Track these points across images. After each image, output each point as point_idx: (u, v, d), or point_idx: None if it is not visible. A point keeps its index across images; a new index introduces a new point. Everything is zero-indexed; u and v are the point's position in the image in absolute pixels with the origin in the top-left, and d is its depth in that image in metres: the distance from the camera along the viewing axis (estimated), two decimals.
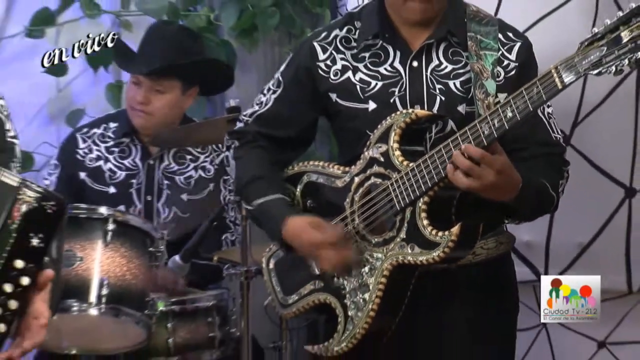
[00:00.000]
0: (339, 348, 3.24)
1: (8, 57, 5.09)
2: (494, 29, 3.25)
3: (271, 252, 3.48)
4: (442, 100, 3.20)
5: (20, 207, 2.53)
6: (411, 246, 3.09)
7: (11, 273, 2.53)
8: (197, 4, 5.09)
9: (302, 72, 3.38)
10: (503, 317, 3.37)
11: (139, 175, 4.54)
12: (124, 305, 3.83)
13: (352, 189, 3.23)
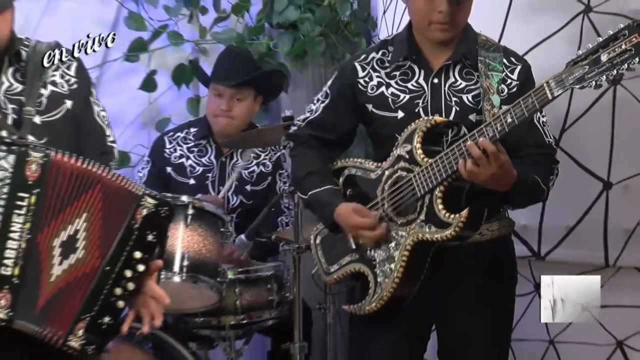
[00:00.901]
0: (370, 308, 3.23)
1: (110, 77, 5.05)
2: (499, 54, 3.24)
3: (318, 231, 3.49)
4: (456, 111, 3.21)
5: (142, 211, 2.64)
6: (429, 226, 3.09)
7: (131, 262, 2.64)
8: (259, 34, 5.06)
9: (345, 86, 3.36)
10: (505, 286, 3.33)
11: (213, 170, 4.52)
12: (200, 274, 3.83)
13: (383, 180, 3.23)
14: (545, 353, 3.83)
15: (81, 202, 2.65)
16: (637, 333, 3.69)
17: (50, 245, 2.62)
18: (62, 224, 2.64)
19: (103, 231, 2.67)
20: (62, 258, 2.63)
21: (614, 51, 2.77)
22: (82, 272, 2.65)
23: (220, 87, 4.47)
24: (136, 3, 5.01)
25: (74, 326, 2.61)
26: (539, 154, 3.21)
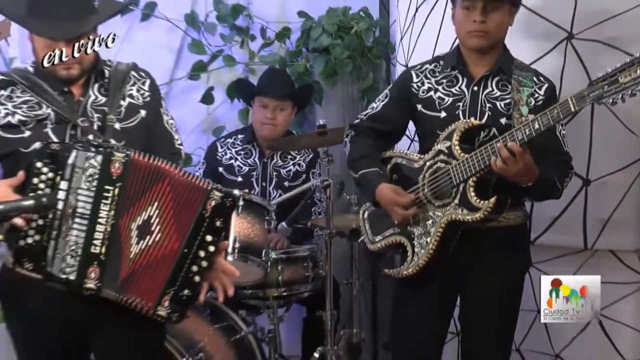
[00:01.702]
0: (407, 272, 3.27)
1: (177, 92, 5.07)
2: (531, 74, 3.23)
3: (366, 207, 3.52)
4: (489, 115, 3.21)
5: (211, 203, 2.68)
6: (461, 209, 3.13)
7: (204, 244, 2.68)
8: (298, 57, 5.04)
9: (402, 89, 3.38)
10: (516, 265, 3.34)
11: (257, 169, 4.50)
12: (249, 254, 3.81)
13: (425, 169, 3.25)
14: (533, 321, 3.78)
15: (152, 192, 2.68)
16: (610, 304, 3.61)
17: (128, 228, 2.66)
18: (138, 210, 2.67)
19: (177, 219, 2.70)
20: (139, 239, 2.67)
21: (630, 75, 2.78)
22: (162, 253, 2.68)
23: (266, 99, 4.44)
24: (197, 32, 5.01)
25: (161, 299, 2.66)
26: (557, 159, 3.20)
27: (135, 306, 2.71)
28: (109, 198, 2.62)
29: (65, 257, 2.59)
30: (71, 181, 2.61)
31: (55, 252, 2.59)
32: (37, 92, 2.78)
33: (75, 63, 2.77)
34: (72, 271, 2.59)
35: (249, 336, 4.06)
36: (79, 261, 2.60)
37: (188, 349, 3.66)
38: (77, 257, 2.60)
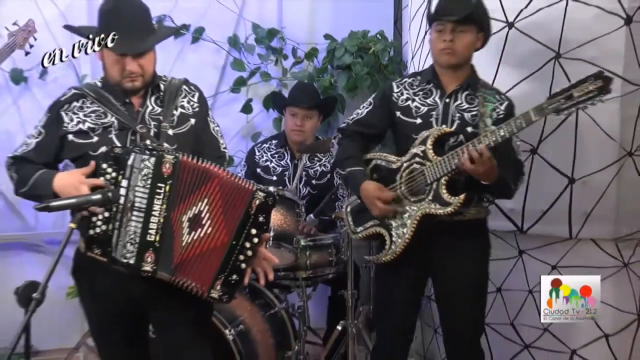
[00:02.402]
0: (385, 258, 3.27)
1: (221, 103, 5.06)
2: (494, 92, 3.24)
3: (349, 203, 3.50)
4: (458, 124, 3.20)
5: (255, 202, 2.69)
6: (435, 204, 3.13)
7: (249, 237, 2.70)
8: (324, 73, 5.02)
9: (384, 98, 3.36)
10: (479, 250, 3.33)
11: (289, 170, 4.46)
12: (282, 242, 3.83)
13: (402, 169, 3.23)
14: (525, 299, 3.77)
15: (202, 191, 2.69)
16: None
17: (180, 220, 2.68)
18: (188, 205, 2.68)
19: (225, 215, 2.71)
20: (190, 230, 2.68)
21: (583, 90, 2.82)
22: (213, 244, 2.69)
23: (296, 109, 4.42)
24: (239, 52, 5.00)
25: (214, 283, 2.68)
26: (513, 166, 3.20)
27: (190, 289, 2.73)
28: (161, 194, 2.64)
29: (126, 244, 2.62)
30: (130, 179, 2.63)
31: (118, 239, 2.63)
32: (103, 103, 2.81)
33: (139, 76, 2.78)
34: (131, 256, 2.62)
35: (282, 311, 4.08)
36: (137, 247, 2.63)
37: (230, 321, 3.67)
38: (136, 244, 2.63)
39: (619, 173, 3.52)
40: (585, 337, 3.66)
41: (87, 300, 2.95)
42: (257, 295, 4.09)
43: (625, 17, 3.40)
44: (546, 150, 3.60)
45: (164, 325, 2.92)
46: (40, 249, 4.82)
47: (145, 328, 3.01)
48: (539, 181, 3.62)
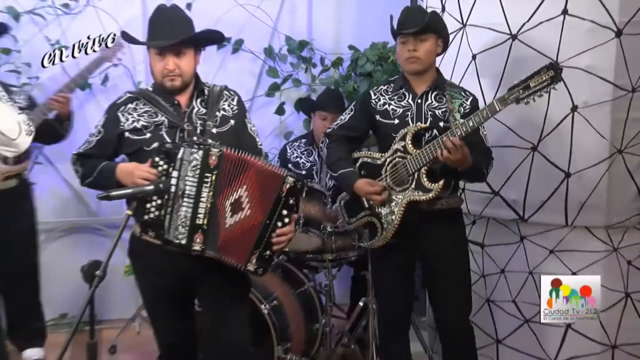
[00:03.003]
0: (378, 244, 3.28)
1: (257, 106, 5.11)
2: (459, 89, 3.29)
3: (341, 197, 3.49)
4: (431, 120, 3.21)
5: (285, 186, 2.69)
6: (418, 191, 3.15)
7: (281, 217, 2.71)
8: (348, 79, 5.05)
9: (364, 104, 3.37)
10: (458, 232, 3.36)
11: (316, 165, 4.44)
12: (310, 227, 3.88)
13: (385, 164, 3.25)
14: (526, 279, 3.72)
15: (241, 178, 2.70)
16: (585, 267, 3.56)
17: (224, 205, 2.69)
18: (230, 192, 2.69)
19: (261, 198, 2.71)
20: (232, 213, 2.69)
21: (537, 80, 2.89)
22: (250, 224, 2.70)
23: (325, 113, 4.38)
24: (273, 61, 5.05)
25: (250, 258, 2.69)
26: (483, 153, 3.23)
27: (231, 264, 2.75)
28: (208, 182, 2.67)
29: (178, 227, 2.66)
30: (180, 170, 2.66)
31: (170, 223, 2.67)
32: (154, 104, 2.83)
33: (177, 76, 2.79)
34: (183, 237, 2.66)
35: (310, 289, 4.09)
36: (187, 229, 2.66)
37: (265, 297, 3.69)
38: (187, 226, 2.66)
39: (610, 168, 3.49)
40: None
41: (141, 278, 2.98)
42: (288, 274, 4.09)
43: (616, 30, 3.37)
44: (545, 147, 3.57)
45: (208, 299, 2.94)
46: (102, 232, 4.89)
47: (192, 303, 3.01)
48: (539, 175, 3.59)
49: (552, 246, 3.65)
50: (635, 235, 3.59)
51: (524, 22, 3.51)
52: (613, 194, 3.52)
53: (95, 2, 4.69)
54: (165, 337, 3.03)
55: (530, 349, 3.72)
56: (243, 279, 2.96)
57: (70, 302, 4.61)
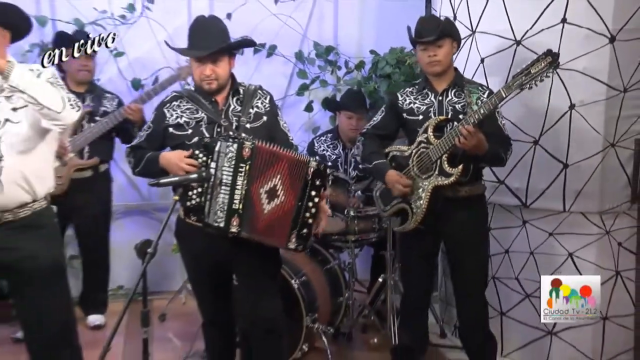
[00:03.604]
0: (410, 227, 3.23)
1: (289, 104, 5.11)
2: (476, 85, 3.25)
3: (377, 188, 3.49)
4: (451, 114, 3.19)
5: (310, 169, 2.70)
6: (441, 177, 3.12)
7: (311, 197, 2.71)
8: (370, 80, 5.03)
9: (392, 105, 3.36)
10: (480, 218, 3.32)
11: (341, 157, 4.40)
12: (336, 212, 3.88)
13: (412, 155, 3.23)
14: (527, 259, 3.71)
15: (274, 169, 2.70)
16: (580, 248, 3.57)
17: (258, 193, 2.69)
18: (264, 180, 2.69)
19: (292, 184, 2.71)
20: (269, 200, 2.70)
21: (537, 67, 2.86)
22: (286, 208, 2.71)
23: (350, 112, 4.36)
24: (303, 64, 5.04)
25: (289, 237, 2.71)
26: (501, 140, 3.18)
27: (273, 244, 2.80)
28: (243, 172, 2.66)
29: (217, 212, 2.66)
30: (218, 162, 2.66)
31: (210, 208, 2.67)
32: (195, 102, 2.84)
33: (214, 80, 2.78)
34: (221, 220, 2.66)
35: (335, 266, 4.10)
36: (225, 214, 2.66)
37: (295, 273, 3.69)
38: (224, 211, 2.66)
39: (603, 160, 3.48)
40: None
41: (185, 256, 2.99)
42: (316, 253, 4.10)
43: (610, 37, 3.36)
44: (546, 141, 3.56)
45: (244, 275, 2.95)
46: (152, 215, 4.94)
47: (230, 278, 3.02)
48: (540, 166, 3.58)
49: (551, 229, 3.64)
50: (626, 220, 3.58)
51: (527, 29, 3.50)
52: (606, 183, 3.51)
53: (148, 14, 4.73)
54: (206, 308, 3.05)
55: (531, 320, 3.72)
56: (274, 257, 2.97)
57: (126, 275, 4.69)
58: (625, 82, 3.41)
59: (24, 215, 2.66)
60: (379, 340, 4.06)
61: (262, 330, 2.92)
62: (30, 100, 2.49)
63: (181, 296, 4.65)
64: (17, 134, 2.60)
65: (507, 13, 3.56)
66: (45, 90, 2.53)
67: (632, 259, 3.55)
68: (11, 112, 2.61)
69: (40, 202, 2.72)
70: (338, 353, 3.88)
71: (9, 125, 2.59)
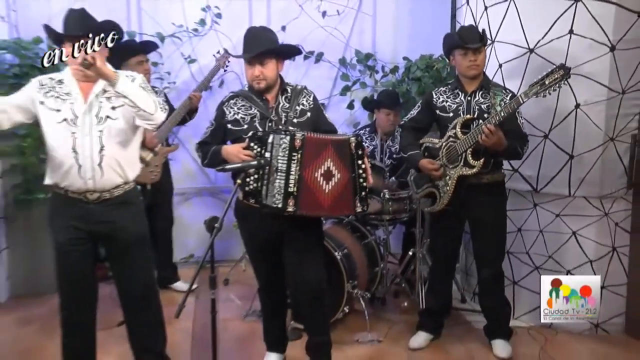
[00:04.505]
0: (438, 208, 3.27)
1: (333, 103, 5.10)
2: (500, 87, 3.24)
3: (411, 174, 3.52)
4: (478, 113, 3.17)
5: (352, 145, 2.67)
6: (465, 168, 3.14)
7: (359, 166, 2.68)
8: (403, 82, 5.00)
9: (427, 102, 3.34)
10: (500, 202, 3.30)
11: (377, 148, 4.35)
12: (373, 195, 3.83)
13: (442, 147, 3.24)
14: (537, 236, 3.72)
15: (324, 154, 2.67)
16: (583, 227, 3.58)
17: (313, 177, 2.65)
18: (316, 165, 2.66)
19: (342, 162, 2.68)
20: (327, 181, 2.67)
21: (551, 78, 2.86)
22: (344, 183, 2.68)
23: (388, 109, 4.30)
24: (345, 68, 5.04)
25: (354, 204, 2.69)
26: (519, 137, 3.17)
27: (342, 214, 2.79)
28: (296, 160, 2.62)
29: (274, 195, 2.63)
30: (272, 152, 2.64)
31: (267, 192, 2.65)
32: (249, 100, 2.83)
33: (262, 80, 2.77)
34: (279, 202, 2.62)
35: (372, 241, 4.08)
36: (282, 196, 2.62)
37: (338, 246, 3.68)
38: (281, 194, 2.62)
39: (604, 152, 3.49)
40: (577, 261, 3.64)
41: (243, 233, 3.01)
42: (356, 230, 4.07)
43: (610, 46, 3.37)
44: (554, 136, 3.57)
45: (293, 248, 2.91)
46: (219, 196, 5.02)
47: (281, 250, 2.95)
48: (549, 157, 3.60)
49: (558, 211, 3.66)
50: (622, 204, 3.58)
51: (539, 39, 3.52)
52: (606, 172, 3.51)
53: (215, 27, 4.81)
54: (261, 276, 3.06)
55: (538, 288, 3.55)
56: (318, 232, 2.95)
57: (197, 246, 4.82)
58: (624, 85, 3.41)
59: (117, 194, 2.70)
60: (408, 304, 4.07)
61: (309, 294, 2.90)
62: (130, 104, 2.53)
63: (241, 264, 4.68)
64: (115, 128, 2.64)
65: (521, 25, 3.58)
66: (141, 95, 2.56)
67: (627, 237, 3.58)
68: (111, 111, 2.64)
69: (130, 184, 2.75)
70: (374, 314, 3.88)
71: (109, 121, 2.64)
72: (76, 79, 2.64)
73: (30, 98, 2.63)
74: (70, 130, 2.60)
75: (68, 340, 2.84)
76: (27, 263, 4.25)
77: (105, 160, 2.63)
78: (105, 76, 2.47)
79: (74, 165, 2.61)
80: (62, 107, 2.61)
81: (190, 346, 3.47)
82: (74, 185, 2.64)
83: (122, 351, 3.10)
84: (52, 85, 2.64)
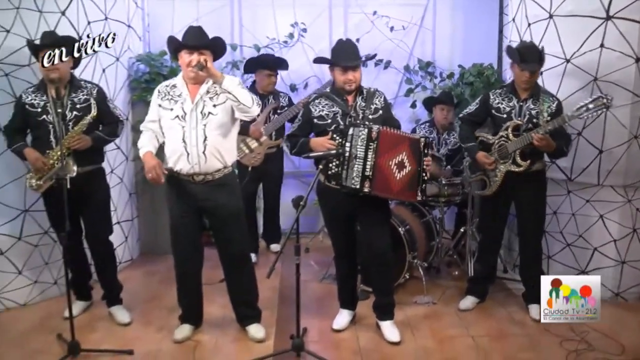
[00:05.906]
0: (488, 192, 3.30)
1: (399, 103, 5.09)
2: (548, 95, 3.20)
3: (466, 161, 3.52)
4: (528, 117, 3.17)
5: (422, 144, 2.76)
6: (513, 165, 3.19)
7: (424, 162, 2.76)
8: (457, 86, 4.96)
9: (484, 101, 3.31)
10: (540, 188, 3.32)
11: (435, 140, 4.34)
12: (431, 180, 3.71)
13: (495, 144, 3.26)
14: (569, 219, 3.75)
15: (399, 147, 2.75)
16: (609, 212, 3.61)
17: (387, 165, 2.72)
18: (391, 156, 2.73)
19: (413, 157, 2.75)
20: (399, 171, 2.74)
21: (596, 104, 2.92)
22: (412, 174, 2.75)
23: (443, 105, 4.32)
24: (409, 74, 5.04)
25: (416, 192, 2.78)
26: (565, 137, 3.20)
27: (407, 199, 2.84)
28: (372, 149, 2.67)
29: (353, 177, 2.71)
30: (352, 142, 2.71)
31: (347, 175, 2.73)
32: (331, 100, 2.89)
33: (353, 82, 2.80)
34: (357, 184, 2.71)
35: (430, 219, 4.13)
36: (360, 179, 2.70)
37: (401, 223, 3.73)
38: (359, 177, 2.70)
39: (629, 148, 3.51)
40: (602, 240, 3.67)
41: (324, 209, 3.07)
42: (416, 209, 4.12)
43: (636, 58, 3.39)
44: (587, 133, 3.59)
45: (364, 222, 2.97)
46: (303, 179, 5.17)
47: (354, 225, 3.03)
48: (582, 151, 3.62)
49: (588, 197, 3.70)
50: None
51: (575, 51, 3.55)
52: (630, 164, 3.54)
53: (302, 39, 4.98)
54: (337, 245, 3.11)
55: (570, 262, 3.79)
56: (385, 209, 2.98)
57: (285, 220, 4.81)
58: None
59: (218, 177, 2.81)
60: (459, 273, 4.14)
61: (377, 261, 2.96)
62: (233, 99, 2.63)
63: (319, 236, 4.82)
64: (215, 122, 2.75)
65: (559, 39, 3.60)
66: (241, 92, 2.65)
67: None
68: (213, 108, 2.75)
69: (228, 168, 2.84)
70: (430, 281, 3.93)
71: (211, 116, 2.74)
72: (187, 82, 2.77)
73: (156, 104, 2.82)
74: (180, 125, 2.74)
75: (181, 290, 3.05)
76: (152, 228, 4.60)
77: (208, 149, 2.76)
78: (214, 76, 2.63)
79: (183, 153, 2.75)
80: (174, 106, 2.76)
81: (278, 301, 3.60)
82: (184, 169, 2.78)
83: (223, 302, 3.31)
84: (167, 90, 2.81)
